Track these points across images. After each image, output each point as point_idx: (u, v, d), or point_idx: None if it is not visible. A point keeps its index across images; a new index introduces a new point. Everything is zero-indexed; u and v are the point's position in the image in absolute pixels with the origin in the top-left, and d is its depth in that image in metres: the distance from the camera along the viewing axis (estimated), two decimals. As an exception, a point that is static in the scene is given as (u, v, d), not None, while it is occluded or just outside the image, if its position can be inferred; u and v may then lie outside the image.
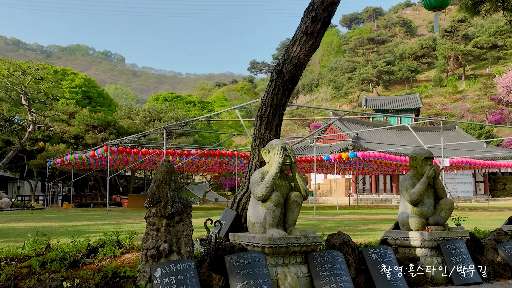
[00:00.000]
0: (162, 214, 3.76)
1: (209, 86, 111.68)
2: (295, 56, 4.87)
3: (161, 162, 3.83)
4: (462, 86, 72.06)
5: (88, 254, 4.60)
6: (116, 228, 11.36)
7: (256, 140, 5.17)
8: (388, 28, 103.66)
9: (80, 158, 24.89)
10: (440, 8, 6.18)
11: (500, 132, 55.77)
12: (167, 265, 3.69)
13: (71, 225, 12.70)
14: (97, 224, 13.55)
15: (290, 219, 4.48)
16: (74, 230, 10.67)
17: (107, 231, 10.58)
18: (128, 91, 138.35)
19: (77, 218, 16.55)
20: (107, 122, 33.31)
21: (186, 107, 53.44)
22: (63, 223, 13.58)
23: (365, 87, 76.97)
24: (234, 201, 5.38)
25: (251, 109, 75.20)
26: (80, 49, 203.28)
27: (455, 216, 5.90)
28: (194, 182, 61.37)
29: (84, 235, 9.15)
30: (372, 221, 15.37)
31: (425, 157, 5.25)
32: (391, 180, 43.20)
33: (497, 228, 6.03)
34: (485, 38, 71.28)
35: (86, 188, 42.39)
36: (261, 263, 4.10)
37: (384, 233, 5.60)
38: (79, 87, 43.33)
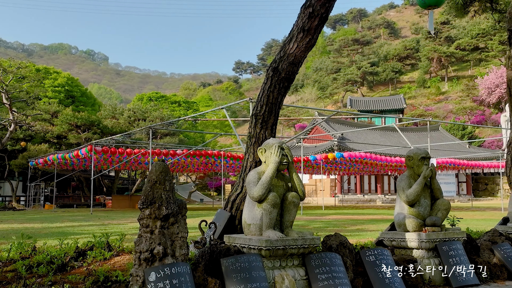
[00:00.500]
0: (156, 216, 3.60)
1: (194, 86, 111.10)
2: (292, 53, 4.75)
3: (155, 162, 3.67)
4: (445, 88, 72.90)
5: (77, 257, 4.41)
6: (101, 229, 11.12)
7: (251, 139, 5.03)
8: (372, 29, 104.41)
9: (64, 158, 24.45)
10: (435, 6, 6.12)
11: (482, 133, 56.55)
12: (161, 269, 3.53)
13: (55, 227, 12.40)
14: (82, 225, 13.26)
15: (287, 220, 4.35)
16: (59, 232, 10.40)
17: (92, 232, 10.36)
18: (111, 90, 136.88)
19: (60, 219, 16.21)
20: (90, 121, 32.81)
21: (171, 107, 53.03)
22: (46, 225, 13.26)
23: (350, 87, 77.36)
24: (227, 202, 5.24)
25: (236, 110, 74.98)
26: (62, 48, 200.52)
27: (450, 217, 5.84)
28: (178, 182, 60.93)
29: (69, 236, 8.92)
30: (360, 221, 15.35)
31: (421, 156, 5.17)
32: (376, 180, 43.46)
33: (492, 229, 5.99)
34: (467, 40, 72.18)
35: (69, 189, 41.75)
36: (258, 266, 3.97)
37: (380, 234, 5.51)
38: (62, 86, 42.67)
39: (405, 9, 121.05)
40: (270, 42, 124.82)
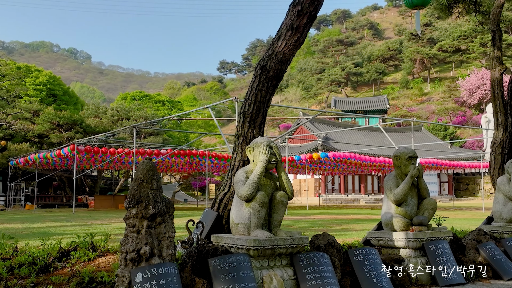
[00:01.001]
0: (143, 215, 3.52)
1: (178, 85, 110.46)
2: (280, 51, 4.71)
3: (142, 160, 3.60)
4: (428, 89, 73.76)
5: (60, 257, 4.30)
6: (84, 230, 10.95)
7: (239, 138, 4.97)
8: (356, 30, 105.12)
9: (45, 157, 24.05)
10: (422, 6, 6.15)
11: (463, 134, 57.36)
12: (148, 269, 3.46)
13: (36, 227, 12.18)
14: (64, 225, 13.05)
15: (275, 219, 4.32)
16: (40, 232, 10.20)
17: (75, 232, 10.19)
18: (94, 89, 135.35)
19: (42, 220, 15.94)
20: (73, 120, 32.36)
21: (155, 106, 52.64)
22: (27, 225, 13.02)
23: (334, 88, 77.79)
24: (214, 201, 5.17)
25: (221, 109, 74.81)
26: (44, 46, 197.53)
27: (436, 216, 5.87)
28: (162, 182, 60.49)
29: (52, 237, 8.75)
30: (345, 221, 15.41)
31: (409, 156, 5.19)
32: (359, 180, 43.74)
33: (477, 228, 6.04)
34: (449, 42, 73.16)
35: (50, 189, 41.09)
36: (246, 266, 3.92)
37: (367, 233, 5.51)
38: (44, 85, 41.98)
39: (388, 11, 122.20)
40: (255, 42, 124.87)
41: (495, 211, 6.10)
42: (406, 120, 18.84)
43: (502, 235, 5.90)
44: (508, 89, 7.65)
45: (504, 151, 7.36)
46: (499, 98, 7.49)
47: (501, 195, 5.99)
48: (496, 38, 7.64)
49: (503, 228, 5.93)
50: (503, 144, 7.39)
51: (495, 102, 7.52)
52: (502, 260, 5.17)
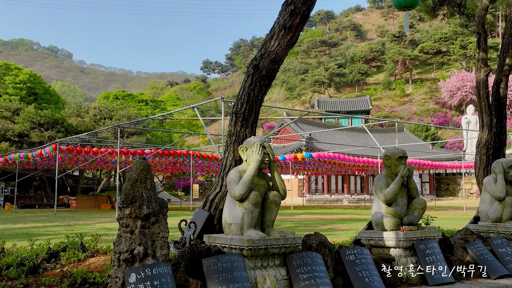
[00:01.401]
0: (137, 215, 3.47)
1: (161, 85, 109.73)
2: (273, 50, 4.70)
3: (136, 159, 3.55)
4: (409, 90, 74.69)
5: (49, 258, 4.23)
6: (68, 230, 10.80)
7: (231, 137, 4.95)
8: (339, 31, 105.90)
9: (26, 157, 23.65)
10: (411, 7, 6.20)
11: (444, 134, 58.21)
12: (142, 270, 3.41)
13: (18, 228, 11.96)
14: (47, 226, 12.85)
15: (268, 219, 4.30)
16: (23, 233, 10.03)
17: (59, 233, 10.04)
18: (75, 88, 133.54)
19: (23, 220, 15.67)
20: (54, 119, 31.87)
21: (138, 106, 52.20)
22: (8, 225, 12.78)
23: (317, 88, 78.20)
24: (206, 201, 5.14)
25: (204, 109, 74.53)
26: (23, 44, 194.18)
27: (424, 216, 5.93)
28: (145, 182, 59.94)
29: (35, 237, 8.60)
30: (330, 221, 15.50)
31: (399, 156, 5.22)
32: (343, 180, 44.05)
33: (464, 227, 6.12)
34: (430, 44, 74.23)
35: (30, 189, 40.41)
36: (240, 266, 3.90)
37: (357, 233, 5.53)
38: (24, 83, 41.22)
39: (371, 12, 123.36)
40: (239, 42, 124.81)
41: (482, 210, 6.19)
42: (390, 120, 19.03)
43: (489, 235, 5.99)
44: (492, 90, 7.77)
45: (489, 151, 7.48)
46: (484, 99, 7.61)
47: (487, 195, 6.08)
48: (481, 40, 7.76)
49: (490, 228, 6.02)
50: (488, 144, 7.51)
51: (480, 103, 7.64)
52: (489, 259, 5.25)
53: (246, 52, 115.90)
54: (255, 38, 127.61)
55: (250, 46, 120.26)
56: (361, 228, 5.96)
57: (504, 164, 6.01)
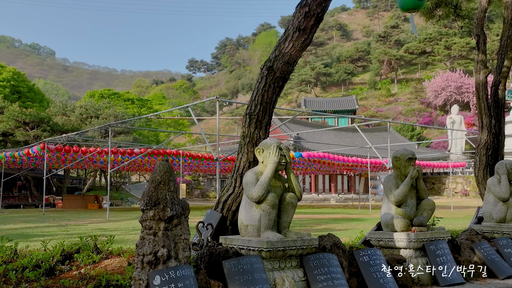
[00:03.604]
0: (160, 217, 3.45)
1: (147, 83, 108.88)
2: (287, 52, 4.70)
3: (159, 162, 3.52)
4: (395, 90, 75.39)
5: (63, 260, 4.17)
6: (63, 231, 10.66)
7: (245, 139, 4.94)
8: (325, 31, 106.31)
9: (12, 156, 23.27)
10: (415, 10, 6.25)
11: (429, 134, 58.91)
12: (166, 272, 3.39)
13: (10, 228, 11.76)
14: (39, 226, 12.66)
15: (285, 221, 4.31)
16: (17, 234, 9.85)
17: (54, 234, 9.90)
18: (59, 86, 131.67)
19: (12, 221, 15.40)
20: (40, 118, 31.38)
21: (124, 105, 51.70)
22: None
23: (304, 88, 78.47)
24: (218, 202, 5.12)
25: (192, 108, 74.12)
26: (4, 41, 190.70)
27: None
28: (130, 181, 59.51)
29: (31, 239, 8.47)
30: (323, 220, 15.57)
31: (408, 157, 5.27)
32: (330, 179, 44.28)
33: (469, 227, 6.21)
34: (415, 44, 74.99)
35: (14, 188, 39.76)
36: (260, 267, 3.90)
37: (367, 234, 5.57)
38: (7, 81, 40.53)
39: (356, 12, 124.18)
40: (224, 40, 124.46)
41: (486, 211, 6.28)
42: (382, 120, 19.17)
43: (493, 235, 6.08)
44: (491, 92, 7.89)
45: (488, 152, 7.60)
46: (483, 100, 7.72)
47: (491, 195, 6.18)
48: (480, 42, 7.87)
49: (494, 228, 6.11)
50: (488, 145, 7.62)
51: (479, 104, 7.75)
52: (496, 260, 5.33)
53: (232, 51, 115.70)
54: (241, 37, 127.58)
55: (236, 45, 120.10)
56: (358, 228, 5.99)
57: (508, 166, 6.11)
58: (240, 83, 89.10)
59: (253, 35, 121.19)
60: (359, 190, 43.47)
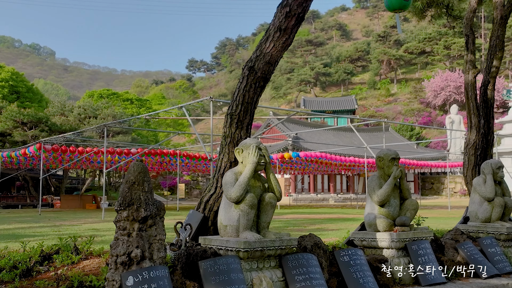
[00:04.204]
0: (134, 218, 3.45)
1: (146, 83, 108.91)
2: (268, 52, 4.70)
3: (133, 162, 3.52)
4: (394, 89, 75.35)
5: (42, 261, 4.17)
6: (55, 231, 10.66)
7: (226, 139, 4.94)
8: (325, 31, 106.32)
9: (9, 156, 23.29)
10: (401, 10, 6.24)
11: (429, 134, 58.88)
12: (139, 273, 3.39)
13: (3, 229, 11.76)
14: (32, 227, 12.66)
15: (264, 221, 4.31)
16: (8, 234, 9.86)
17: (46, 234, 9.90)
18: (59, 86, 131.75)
19: (7, 221, 15.41)
20: (38, 118, 31.40)
21: (123, 105, 51.72)
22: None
23: (303, 88, 78.46)
24: (200, 202, 5.12)
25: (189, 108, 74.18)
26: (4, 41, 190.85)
27: (415, 216, 5.99)
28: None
29: (21, 239, 8.47)
30: (318, 220, 15.56)
31: (392, 157, 5.27)
32: (329, 179, 44.26)
33: (454, 227, 6.20)
34: (414, 44, 74.97)
35: (13, 188, 39.81)
36: (236, 268, 3.90)
37: (350, 234, 5.57)
38: (6, 81, 40.55)
39: (356, 12, 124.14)
40: (224, 40, 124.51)
41: (471, 211, 6.27)
42: (377, 120, 19.18)
43: (478, 235, 6.08)
44: (480, 92, 7.89)
45: (477, 152, 7.59)
46: (472, 100, 7.71)
47: (477, 195, 6.17)
48: (469, 42, 7.86)
49: (479, 228, 6.11)
50: (476, 145, 7.61)
51: (468, 104, 7.74)
52: (479, 259, 5.32)
53: (232, 51, 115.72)
54: (240, 37, 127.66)
55: (236, 45, 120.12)
56: (351, 228, 6.00)
57: (493, 165, 6.11)
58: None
59: (253, 35, 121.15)
60: (358, 190, 43.48)
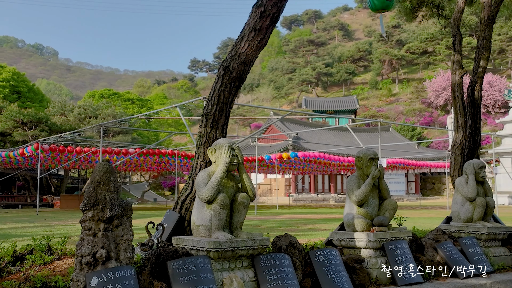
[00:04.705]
0: (99, 218, 3.45)
1: (148, 83, 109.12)
2: (243, 52, 4.70)
3: (99, 162, 3.53)
4: (396, 89, 75.22)
5: (14, 261, 4.18)
6: (47, 231, 10.68)
7: (202, 139, 4.95)
8: (327, 31, 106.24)
9: (7, 156, 23.36)
10: (384, 10, 6.24)
11: (430, 134, 58.73)
12: (104, 273, 3.39)
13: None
14: (26, 226, 12.71)
15: (237, 221, 4.31)
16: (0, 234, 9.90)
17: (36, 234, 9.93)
18: (61, 86, 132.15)
19: (2, 221, 15.47)
20: (38, 118, 31.52)
21: (124, 105, 51.84)
22: (-13, 226, 12.61)
23: (305, 88, 78.42)
24: (177, 202, 5.13)
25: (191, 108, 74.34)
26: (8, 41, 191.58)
27: (397, 216, 5.98)
28: (132, 181, 59.70)
29: (11, 239, 8.50)
30: (313, 220, 15.55)
31: (370, 157, 5.26)
32: (329, 179, 44.22)
33: (436, 227, 6.18)
34: (416, 44, 74.82)
35: (14, 188, 39.97)
36: (206, 268, 3.90)
37: (330, 234, 5.57)
38: (7, 81, 40.70)
39: (358, 12, 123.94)
40: (226, 40, 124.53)
41: (454, 211, 6.26)
42: (374, 121, 19.16)
43: (460, 235, 6.06)
44: (467, 92, 7.86)
45: (463, 152, 7.56)
46: (459, 100, 7.69)
47: (459, 195, 6.16)
48: (456, 42, 7.83)
49: (461, 228, 6.09)
50: (463, 145, 7.59)
51: (455, 104, 7.72)
52: (458, 259, 5.31)
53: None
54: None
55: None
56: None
57: (475, 165, 6.09)
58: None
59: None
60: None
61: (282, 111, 43.67)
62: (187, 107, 58.83)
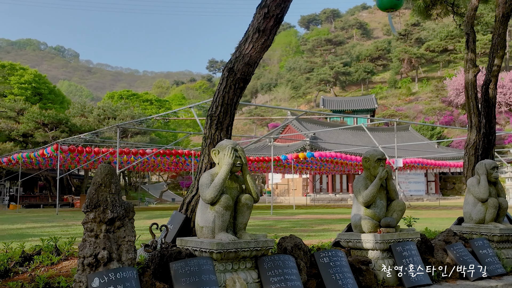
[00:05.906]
0: (101, 219, 3.49)
1: (167, 84, 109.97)
2: (247, 53, 4.70)
3: (101, 164, 3.57)
4: (415, 88, 74.26)
5: (22, 262, 4.26)
6: (63, 231, 10.87)
7: (206, 140, 4.97)
8: (345, 30, 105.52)
9: (29, 157, 23.84)
10: (393, 9, 6.16)
11: (450, 133, 57.82)
12: (105, 274, 3.43)
13: (15, 228, 12.06)
14: (44, 226, 12.94)
15: (240, 222, 4.31)
16: (17, 234, 10.10)
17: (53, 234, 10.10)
18: (82, 88, 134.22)
19: (23, 220, 15.79)
20: (58, 119, 32.09)
21: (143, 105, 52.34)
22: (6, 226, 12.89)
23: (323, 87, 78.02)
24: (183, 203, 5.16)
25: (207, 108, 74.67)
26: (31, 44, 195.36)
27: (406, 217, 5.91)
28: (150, 181, 60.26)
29: (27, 239, 8.67)
30: (328, 221, 15.46)
31: (377, 158, 5.20)
32: (347, 179, 43.93)
33: (447, 229, 6.09)
34: (436, 42, 73.76)
35: (36, 188, 40.76)
36: (208, 269, 3.91)
37: (337, 235, 5.53)
38: (29, 83, 41.50)
39: (377, 10, 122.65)
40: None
41: (465, 212, 6.15)
42: (391, 120, 18.98)
43: (472, 236, 5.95)
44: (481, 91, 7.72)
45: (477, 152, 7.43)
46: (472, 100, 7.56)
47: (471, 196, 6.05)
48: (470, 41, 7.69)
49: (472, 229, 5.98)
50: (477, 145, 7.45)
51: (468, 104, 7.59)
52: (469, 261, 5.22)
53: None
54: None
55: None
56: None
57: (487, 166, 5.97)
58: (259, 83, 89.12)
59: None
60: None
61: (298, 111, 43.60)
62: (204, 107, 58.86)
